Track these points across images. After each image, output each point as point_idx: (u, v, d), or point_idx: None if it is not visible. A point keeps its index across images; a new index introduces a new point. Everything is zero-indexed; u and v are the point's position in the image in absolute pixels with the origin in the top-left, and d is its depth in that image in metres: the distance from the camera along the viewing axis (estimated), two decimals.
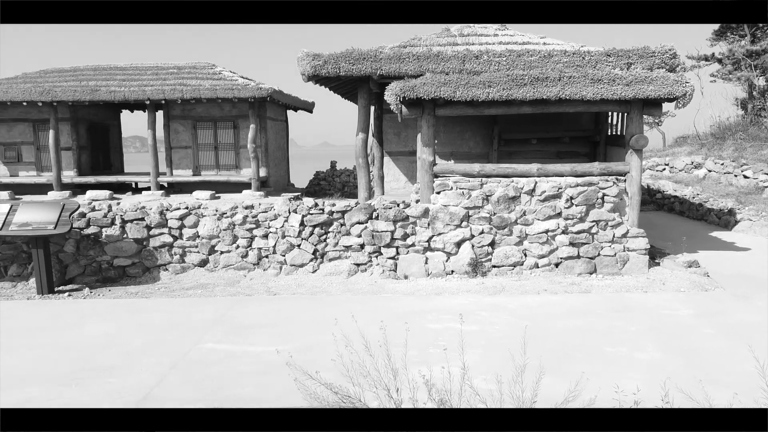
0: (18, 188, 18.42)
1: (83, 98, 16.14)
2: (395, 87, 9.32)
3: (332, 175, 19.92)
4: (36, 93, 16.18)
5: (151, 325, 7.24)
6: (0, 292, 8.76)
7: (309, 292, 8.63)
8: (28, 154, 18.40)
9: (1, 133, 18.30)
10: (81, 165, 18.55)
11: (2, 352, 6.37)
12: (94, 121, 19.47)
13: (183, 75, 17.49)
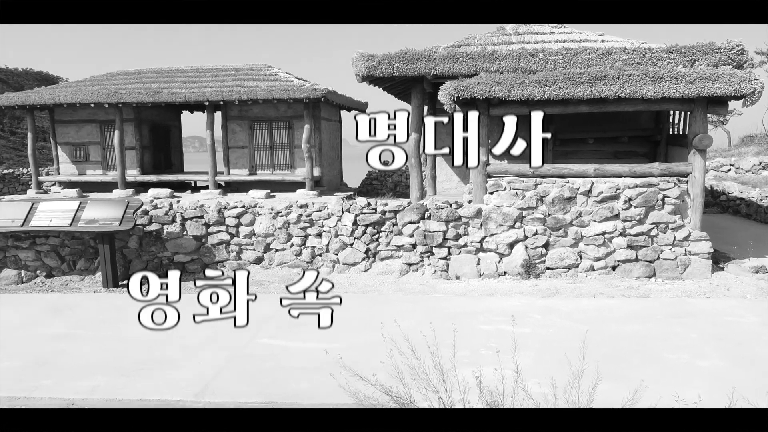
0: (85, 186, 19.27)
1: (146, 100, 16.74)
2: (449, 87, 9.27)
3: (384, 175, 19.99)
4: (103, 95, 16.89)
5: None
6: (69, 285, 9.19)
7: (361, 291, 8.69)
8: (95, 153, 19.23)
9: (70, 134, 19.20)
10: (144, 164, 19.24)
11: (72, 342, 6.68)
12: (156, 122, 20.17)
13: (240, 76, 17.91)
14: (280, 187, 18.07)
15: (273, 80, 17.40)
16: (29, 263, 9.37)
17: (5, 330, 7.15)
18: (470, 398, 4.39)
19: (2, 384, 5.54)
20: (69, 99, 17.21)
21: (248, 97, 16.37)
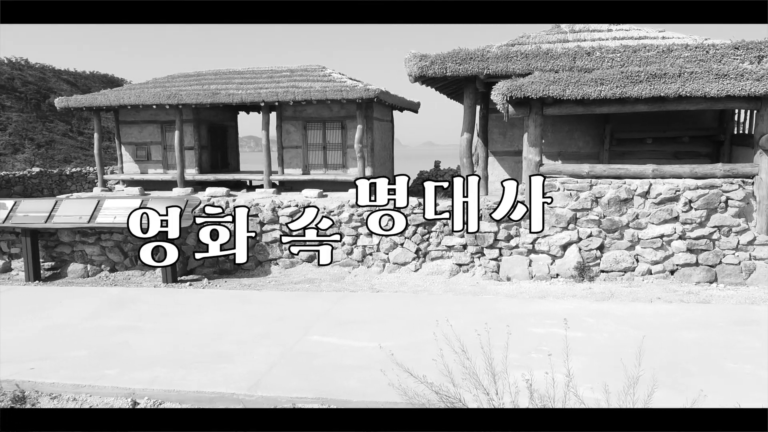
0: (147, 184, 19.99)
1: (205, 101, 17.23)
2: (502, 86, 9.17)
3: (436, 174, 19.93)
4: (164, 96, 17.49)
5: (262, 316, 7.62)
6: (131, 279, 9.57)
7: (411, 291, 8.71)
8: (156, 153, 19.93)
9: (133, 134, 19.96)
10: (202, 163, 19.82)
11: (134, 334, 6.96)
12: (214, 122, 20.74)
13: (295, 77, 18.21)
14: (332, 186, 18.28)
15: (327, 81, 17.62)
16: (95, 258, 9.80)
17: (73, 321, 7.51)
18: (520, 401, 4.34)
19: (69, 373, 5.83)
20: (132, 101, 17.90)
21: (302, 98, 16.62)
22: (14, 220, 9.31)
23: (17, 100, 51.51)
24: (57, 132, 50.59)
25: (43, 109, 51.45)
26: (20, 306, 8.20)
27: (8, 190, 20.13)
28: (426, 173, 20.08)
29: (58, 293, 8.86)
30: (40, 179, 21.13)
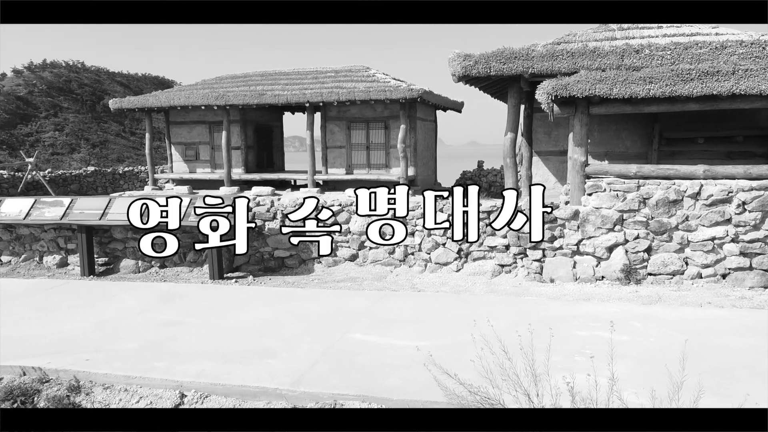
0: (195, 183, 20.52)
1: (251, 102, 17.59)
2: (547, 85, 9.06)
3: (479, 174, 19.81)
4: (212, 98, 17.93)
5: (305, 313, 7.75)
6: (180, 275, 9.87)
7: (452, 291, 8.70)
8: (204, 153, 20.44)
9: (183, 134, 20.52)
10: (248, 163, 20.23)
11: (182, 328, 7.18)
12: (260, 123, 21.13)
13: (339, 78, 18.39)
14: (375, 186, 18.33)
15: (370, 81, 17.73)
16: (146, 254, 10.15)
17: (125, 315, 7.80)
18: (562, 404, 4.30)
19: (121, 364, 6.06)
20: (182, 102, 18.41)
21: (346, 98, 16.78)
22: (71, 217, 9.72)
23: (74, 101, 53.62)
24: (110, 132, 52.44)
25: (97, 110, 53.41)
26: (76, 299, 8.56)
27: (65, 188, 20.99)
28: (469, 173, 19.98)
29: (111, 288, 9.21)
30: (95, 178, 21.96)
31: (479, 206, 8.98)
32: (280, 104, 17.45)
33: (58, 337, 6.92)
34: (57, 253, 10.39)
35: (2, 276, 10.08)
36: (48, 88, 52.98)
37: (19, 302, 8.44)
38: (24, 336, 7.02)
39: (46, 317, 7.75)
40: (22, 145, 40.78)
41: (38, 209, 10.00)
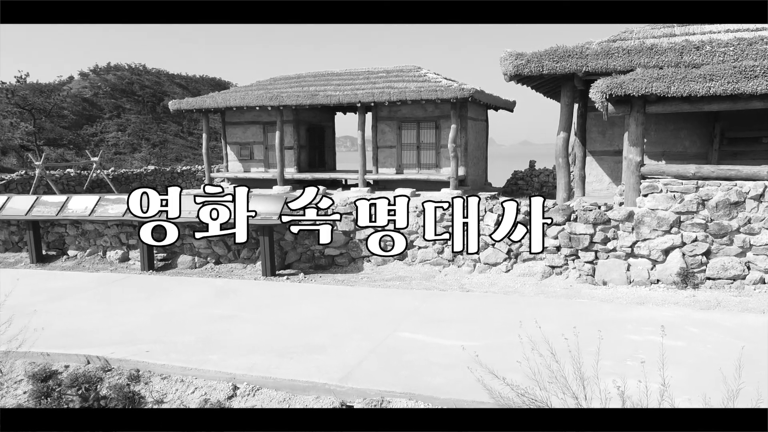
0: (249, 182, 21.00)
1: (304, 102, 17.89)
2: (601, 84, 8.87)
3: (530, 174, 19.55)
4: (266, 98, 18.33)
5: (354, 310, 7.85)
6: (234, 271, 10.15)
7: (501, 292, 8.64)
8: (259, 152, 20.90)
9: (238, 134, 21.05)
10: (300, 163, 20.57)
11: (235, 323, 7.41)
12: (313, 123, 21.45)
13: (391, 78, 18.48)
14: (425, 186, 18.39)
15: (421, 81, 17.75)
16: (201, 250, 10.49)
17: (182, 308, 8.10)
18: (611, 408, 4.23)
19: (178, 356, 6.31)
20: (237, 102, 18.89)
21: (397, 98, 16.85)
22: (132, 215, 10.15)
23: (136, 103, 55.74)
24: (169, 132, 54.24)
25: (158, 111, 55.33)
26: (136, 293, 8.94)
27: (127, 186, 21.87)
28: (520, 173, 19.73)
29: (168, 282, 9.56)
30: (155, 176, 22.78)
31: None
32: (332, 104, 17.69)
33: (120, 329, 7.26)
34: (119, 248, 10.86)
35: (69, 269, 10.61)
36: (112, 90, 55.28)
37: (85, 294, 8.88)
38: (89, 327, 7.38)
39: (109, 309, 8.13)
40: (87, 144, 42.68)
41: (102, 206, 10.48)
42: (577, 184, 12.48)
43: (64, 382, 5.97)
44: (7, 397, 6.07)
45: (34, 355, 6.51)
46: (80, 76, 56.69)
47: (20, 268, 10.83)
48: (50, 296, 8.85)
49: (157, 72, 64.63)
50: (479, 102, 17.57)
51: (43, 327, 7.02)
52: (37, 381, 6.06)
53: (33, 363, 6.45)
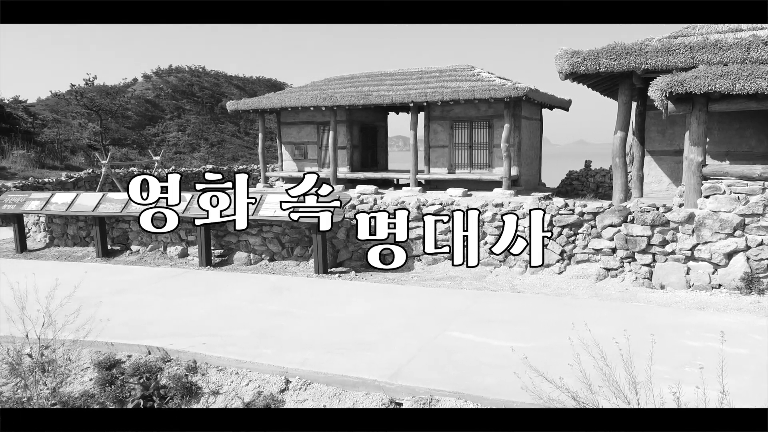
0: None
1: (358, 102, 18.07)
2: (661, 82, 8.61)
3: (586, 175, 19.12)
4: (321, 99, 18.60)
5: (404, 309, 7.90)
6: (287, 269, 10.37)
7: (554, 293, 8.51)
8: (312, 152, 21.23)
9: (292, 134, 21.44)
10: (353, 162, 20.77)
11: (288, 319, 7.58)
12: (366, 123, 21.62)
13: (444, 78, 18.44)
14: (477, 185, 18.27)
15: (475, 80, 17.63)
16: (257, 248, 10.76)
17: (238, 303, 8.34)
18: None
19: (233, 349, 6.51)
20: (292, 103, 19.24)
21: (450, 98, 16.81)
22: (190, 212, 10.50)
23: (195, 103, 57.56)
24: (227, 132, 55.74)
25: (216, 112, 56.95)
26: (194, 287, 9.26)
27: (186, 184, 22.61)
28: (576, 173, 19.33)
29: (225, 278, 9.86)
30: None
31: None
32: (385, 104, 17.81)
33: (179, 322, 7.54)
34: (179, 245, 11.26)
35: (132, 264, 11.08)
36: (173, 92, 57.26)
37: (146, 288, 9.26)
38: (150, 318, 7.70)
39: (168, 302, 8.45)
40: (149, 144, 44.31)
41: None
42: (635, 184, 12.14)
43: (127, 371, 6.26)
44: (74, 383, 6.41)
45: (99, 344, 6.84)
46: (143, 78, 58.95)
47: (87, 261, 11.37)
48: (115, 289, 9.26)
49: (216, 73, 66.50)
50: (533, 101, 17.33)
51: (108, 318, 7.35)
52: (102, 369, 6.38)
53: (98, 352, 6.79)
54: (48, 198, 11.88)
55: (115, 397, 6.00)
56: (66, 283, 8.54)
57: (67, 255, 11.83)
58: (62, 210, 11.54)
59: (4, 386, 6.68)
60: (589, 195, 18.08)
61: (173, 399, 5.98)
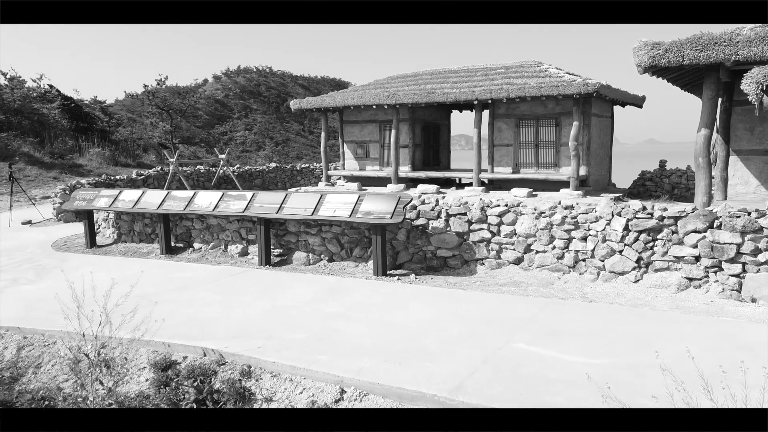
0: (364, 180, 21.13)
1: (420, 100, 17.65)
2: (757, 73, 7.79)
3: (660, 175, 18.01)
4: (383, 97, 18.30)
5: (466, 316, 7.46)
6: (346, 270, 10.11)
7: (629, 304, 7.84)
8: (374, 151, 20.98)
9: (355, 133, 21.26)
10: (414, 161, 20.39)
11: (346, 322, 7.28)
12: (428, 121, 21.19)
13: (510, 74, 17.78)
14: (542, 186, 17.53)
15: (542, 77, 16.90)
16: (316, 248, 10.55)
17: (295, 304, 8.12)
18: None
19: (288, 353, 6.26)
20: (355, 101, 19.05)
21: (516, 95, 16.16)
22: (252, 210, 10.40)
23: (262, 103, 58.68)
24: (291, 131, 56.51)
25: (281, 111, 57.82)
26: (253, 287, 9.12)
27: (250, 182, 22.85)
28: (649, 173, 18.24)
29: (284, 277, 9.69)
30: (276, 173, 23.62)
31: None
32: (448, 102, 17.32)
33: (236, 322, 7.38)
34: (239, 243, 11.20)
35: (194, 261, 11.10)
36: (241, 92, 58.55)
37: (205, 287, 9.20)
38: (207, 318, 7.59)
39: (227, 302, 8.33)
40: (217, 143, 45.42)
41: (225, 202, 10.84)
42: (718, 186, 11.20)
43: (182, 373, 6.11)
44: (131, 383, 6.34)
45: (156, 344, 6.76)
46: (213, 79, 60.57)
47: (151, 258, 11.50)
48: (174, 286, 9.25)
49: (282, 74, 67.59)
50: (604, 97, 16.44)
51: (164, 318, 7.28)
52: (158, 370, 6.26)
53: (155, 352, 6.70)
54: (116, 195, 12.10)
55: (169, 399, 5.86)
56: (127, 280, 8.59)
57: (134, 251, 12.00)
58: (129, 207, 11.72)
59: (65, 382, 6.70)
60: (664, 197, 17.00)
61: (226, 404, 5.78)
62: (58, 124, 26.32)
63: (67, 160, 22.70)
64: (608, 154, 19.06)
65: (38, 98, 28.21)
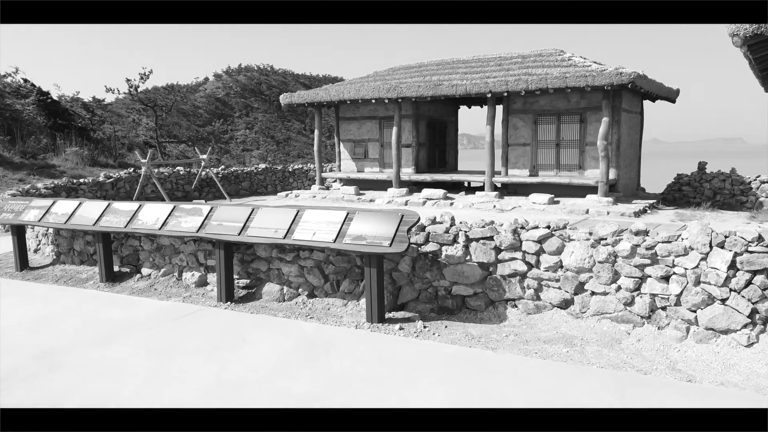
0: (362, 183, 18.25)
1: (426, 93, 14.74)
2: None
3: (699, 179, 15.07)
4: (383, 90, 15.39)
5: (501, 400, 4.61)
6: (330, 310, 7.22)
7: (743, 379, 4.96)
8: (374, 150, 18.10)
9: (352, 131, 18.37)
10: (419, 162, 17.52)
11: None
12: (434, 118, 18.29)
13: (528, 64, 14.85)
14: (565, 191, 14.65)
15: (566, 66, 13.98)
16: (292, 279, 7.64)
17: (251, 376, 5.23)
18: None
19: None
20: (352, 95, 16.16)
21: (537, 87, 13.25)
22: (208, 229, 7.51)
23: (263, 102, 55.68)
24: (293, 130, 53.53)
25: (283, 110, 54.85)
26: (201, 340, 6.25)
27: (237, 185, 19.95)
28: (686, 177, 15.30)
29: (246, 323, 6.81)
30: (266, 175, 20.74)
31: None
32: (457, 95, 14.35)
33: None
34: (196, 270, 8.30)
35: (139, 292, 8.22)
36: (242, 90, 55.56)
37: (137, 338, 6.33)
38: (120, 397, 4.69)
39: (157, 369, 5.45)
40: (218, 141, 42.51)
41: (176, 217, 7.93)
42: None
43: None
44: None
45: None
46: (214, 77, 57.62)
47: (89, 286, 8.63)
48: (96, 335, 6.39)
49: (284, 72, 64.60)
50: (639, 89, 13.51)
51: (52, 399, 4.47)
52: None
53: None
54: (48, 207, 9.20)
55: None
56: (47, 320, 6.16)
57: (70, 276, 9.12)
58: (61, 222, 8.81)
59: None
60: (705, 204, 14.10)
61: None
62: (33, 120, 23.37)
63: (39, 160, 19.79)
64: (637, 155, 16.17)
65: (12, 93, 25.31)
